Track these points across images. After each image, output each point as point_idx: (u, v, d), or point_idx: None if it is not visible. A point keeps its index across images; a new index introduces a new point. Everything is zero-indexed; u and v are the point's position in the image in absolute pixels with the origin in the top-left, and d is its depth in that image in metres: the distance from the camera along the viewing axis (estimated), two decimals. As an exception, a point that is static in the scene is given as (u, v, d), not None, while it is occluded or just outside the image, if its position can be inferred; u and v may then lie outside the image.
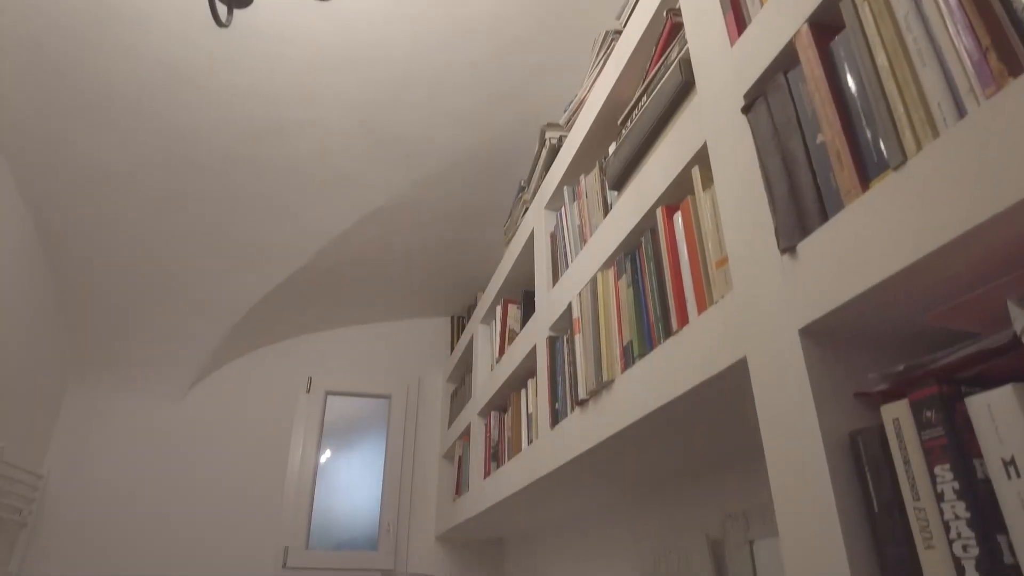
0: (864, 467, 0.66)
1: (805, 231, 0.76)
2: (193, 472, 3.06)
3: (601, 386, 1.28)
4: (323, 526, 3.16)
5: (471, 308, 3.21)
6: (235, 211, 2.50)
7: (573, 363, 1.46)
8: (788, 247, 0.77)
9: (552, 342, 1.66)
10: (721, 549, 1.44)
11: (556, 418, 1.58)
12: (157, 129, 2.15)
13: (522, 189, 2.21)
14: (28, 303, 2.61)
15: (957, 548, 0.55)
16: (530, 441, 1.81)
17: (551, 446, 1.57)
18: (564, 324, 1.63)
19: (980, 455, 0.56)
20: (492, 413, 2.34)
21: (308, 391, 3.33)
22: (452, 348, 3.47)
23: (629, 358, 1.19)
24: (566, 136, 1.79)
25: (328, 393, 3.37)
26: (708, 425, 1.16)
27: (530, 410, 1.89)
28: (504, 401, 2.28)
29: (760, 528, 1.31)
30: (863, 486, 0.66)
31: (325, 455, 3.29)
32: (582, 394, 1.36)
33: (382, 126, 2.22)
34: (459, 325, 3.50)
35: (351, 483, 3.30)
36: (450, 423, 3.20)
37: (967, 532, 0.54)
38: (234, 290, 2.87)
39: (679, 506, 1.65)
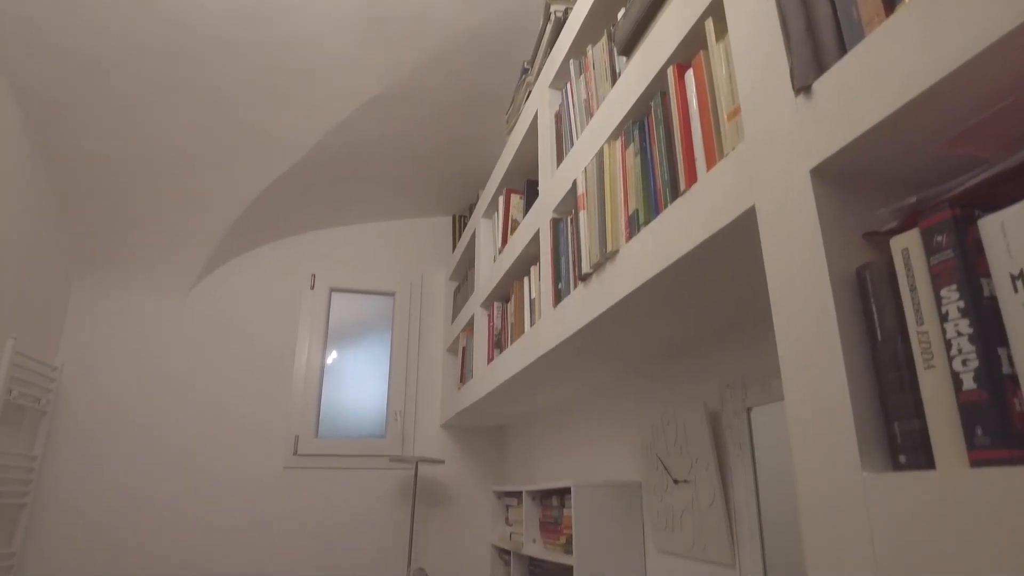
0: (870, 300, 0.67)
1: (821, 68, 0.73)
2: (202, 366, 3.13)
3: (605, 258, 1.28)
4: (332, 416, 3.27)
5: (472, 207, 3.18)
6: (231, 100, 2.43)
7: (577, 241, 1.46)
8: (803, 86, 0.74)
9: (555, 224, 1.66)
10: (719, 419, 1.49)
11: (559, 297, 1.59)
12: (146, 13, 2.05)
13: (525, 71, 2.14)
14: (27, 199, 2.59)
15: (957, 364, 0.56)
16: (532, 323, 1.84)
17: (553, 325, 1.60)
18: (568, 205, 1.61)
19: (987, 274, 0.56)
20: (495, 304, 2.37)
21: (312, 288, 3.35)
22: (454, 247, 3.47)
23: (634, 227, 1.19)
24: (572, 7, 1.71)
25: (332, 290, 3.39)
26: (710, 289, 1.17)
27: (532, 295, 1.91)
28: (506, 291, 2.30)
29: (758, 395, 1.35)
30: (867, 319, 0.67)
31: (332, 356, 3.36)
32: (585, 268, 1.37)
33: (380, 3, 2.12)
34: (460, 224, 3.48)
35: (358, 377, 3.38)
36: (453, 318, 3.25)
37: (968, 347, 0.55)
38: (233, 184, 2.84)
39: (678, 379, 1.70)
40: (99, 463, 2.90)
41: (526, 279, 2.01)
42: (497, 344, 2.29)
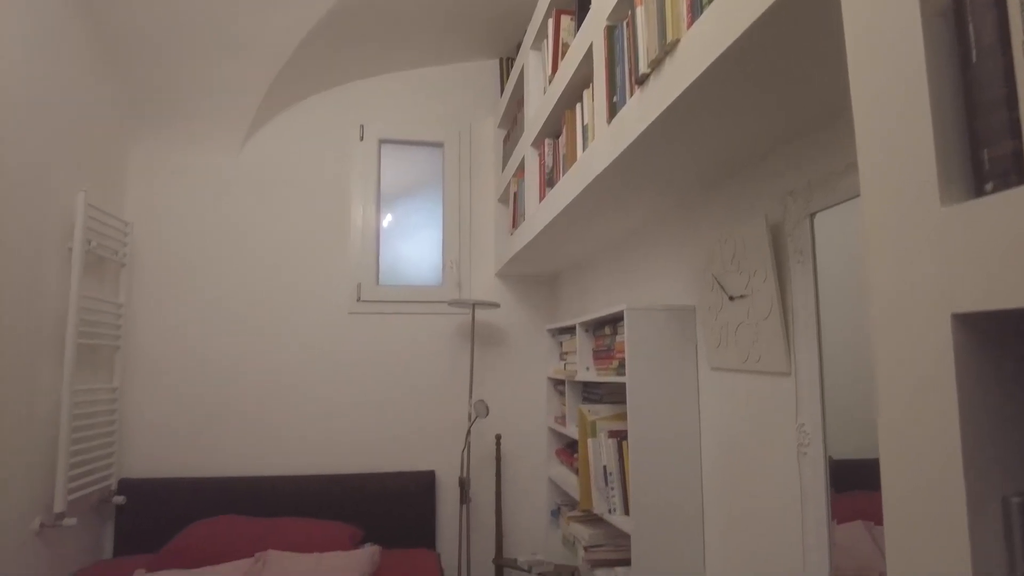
0: (966, 17, 0.60)
1: None
2: (262, 219, 3.22)
3: (664, 52, 1.20)
4: (390, 265, 3.37)
5: (519, 46, 3.02)
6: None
7: (634, 42, 1.37)
8: None
9: (610, 32, 1.55)
10: (780, 229, 1.45)
11: (613, 111, 1.53)
12: None
13: None
14: (82, 62, 2.59)
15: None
16: (585, 148, 1.79)
17: (607, 142, 1.54)
18: (623, 8, 1.50)
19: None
20: (545, 141, 2.30)
21: (361, 139, 3.33)
22: (502, 92, 3.35)
23: (696, 10, 1.09)
24: None
25: (381, 141, 3.37)
26: (775, 79, 1.09)
27: (585, 121, 1.84)
28: (557, 124, 2.23)
29: (822, 199, 1.30)
30: (961, 41, 0.61)
31: (387, 210, 3.39)
32: (643, 69, 1.29)
33: None
34: (507, 67, 3.34)
35: (413, 228, 3.43)
36: (503, 166, 3.21)
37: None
38: (276, 29, 2.76)
39: (736, 197, 1.65)
40: (175, 311, 3.10)
41: (578, 106, 1.93)
42: (549, 182, 2.25)
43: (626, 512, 1.91)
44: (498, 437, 3.12)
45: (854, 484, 1.28)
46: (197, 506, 2.87)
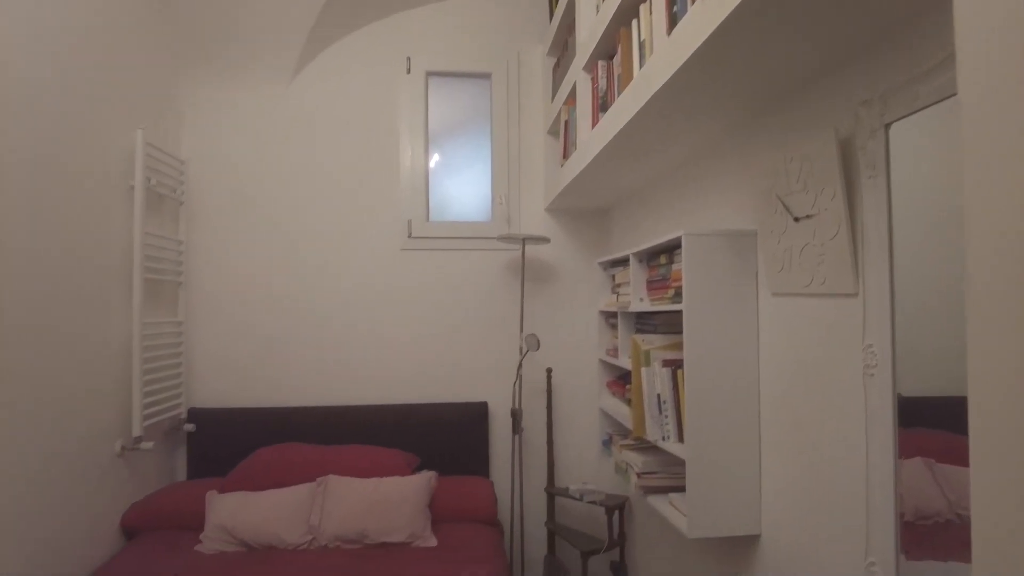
0: None
1: None
2: (312, 155, 3.24)
3: (731, -53, 1.12)
4: (440, 202, 3.36)
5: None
6: None
7: (696, -58, 1.28)
8: None
9: (670, -65, 1.46)
10: (850, 143, 1.36)
11: (673, 21, 1.45)
12: None
13: None
14: (134, 2, 2.61)
15: None
16: (641, 65, 1.71)
17: (667, 55, 1.47)
18: (685, -92, 1.40)
19: None
20: (598, 63, 2.22)
21: (408, 72, 3.28)
22: (551, 17, 3.23)
23: None
24: None
25: (428, 74, 3.31)
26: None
27: (642, 36, 1.75)
28: (611, 45, 2.13)
29: (900, 107, 1.21)
30: None
31: (436, 145, 3.35)
32: (707, -31, 1.21)
33: None
34: (557, -9, 3.21)
35: (462, 164, 3.40)
36: (553, 96, 3.12)
37: None
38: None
39: (802, 111, 1.56)
40: (232, 247, 3.18)
41: (634, 22, 1.84)
42: (602, 107, 2.18)
43: (680, 439, 1.91)
44: (549, 371, 3.14)
45: (915, 421, 1.24)
46: (261, 434, 3.01)
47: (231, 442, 3.01)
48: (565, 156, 2.80)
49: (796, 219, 1.55)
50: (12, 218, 1.99)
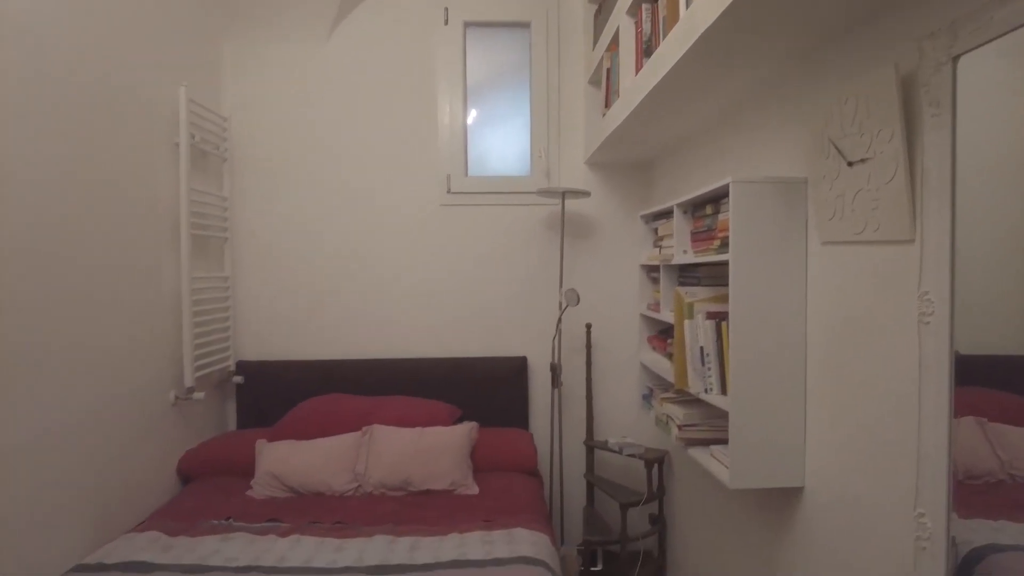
0: None
1: None
2: (352, 110, 3.24)
3: None
4: (479, 156, 3.34)
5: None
6: None
7: None
8: None
9: None
10: (912, 80, 1.29)
11: (724, -46, 1.37)
12: None
13: None
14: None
15: None
16: (688, 4, 1.64)
17: (717, -10, 1.40)
18: None
19: None
20: (642, 6, 2.14)
21: (446, 23, 3.22)
22: (592, -38, 3.12)
23: None
24: None
25: (466, 24, 3.25)
26: None
27: (689, -27, 1.67)
28: (656, -14, 2.05)
29: (971, 37, 1.13)
30: None
31: (473, 110, 3.31)
32: None
33: None
34: (599, -67, 3.08)
35: (501, 118, 3.36)
36: (594, 44, 3.03)
37: None
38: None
39: (858, 46, 1.48)
40: (274, 203, 3.23)
41: (680, -42, 1.76)
42: (646, 52, 2.11)
43: (723, 392, 1.89)
44: (588, 326, 3.13)
45: (967, 380, 1.19)
46: (306, 386, 3.09)
47: (277, 393, 3.10)
48: (607, 105, 2.73)
49: (850, 163, 1.48)
50: (69, 179, 2.05)
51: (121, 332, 2.34)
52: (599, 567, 2.96)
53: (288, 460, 2.61)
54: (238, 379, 3.13)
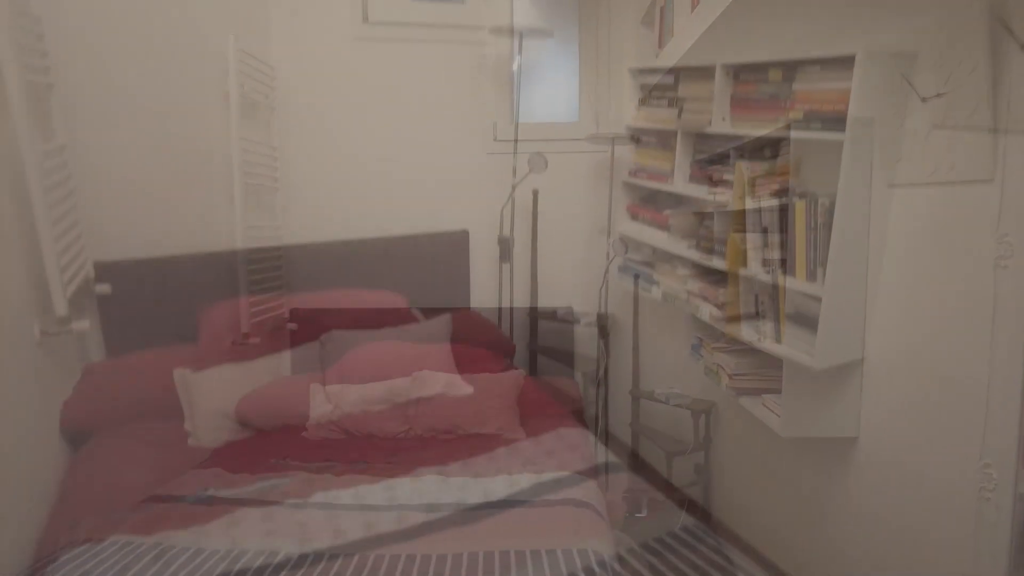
0: None
1: None
2: (400, 57, 3.19)
3: None
4: (526, 102, 3.26)
5: None
6: None
7: None
8: None
9: None
10: (1003, 6, 1.19)
11: None
12: None
13: None
14: None
15: None
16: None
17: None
18: None
19: None
20: (701, -63, 2.03)
21: (492, -37, 3.13)
22: None
23: None
24: None
25: (513, -36, 3.15)
26: None
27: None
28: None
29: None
30: None
31: (518, 57, 3.21)
32: None
33: None
34: None
35: (549, 65, 3.27)
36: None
37: None
38: None
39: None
40: (323, 154, 3.21)
41: None
42: (703, -14, 2.01)
43: (777, 341, 1.85)
44: (636, 276, 3.09)
45: None
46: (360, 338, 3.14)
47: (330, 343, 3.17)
48: (660, 46, 2.63)
49: (923, 99, 1.40)
50: (129, 130, 2.09)
51: (184, 280, 2.41)
52: (644, 514, 3.00)
53: (341, 404, 2.69)
54: (292, 326, 3.19)
